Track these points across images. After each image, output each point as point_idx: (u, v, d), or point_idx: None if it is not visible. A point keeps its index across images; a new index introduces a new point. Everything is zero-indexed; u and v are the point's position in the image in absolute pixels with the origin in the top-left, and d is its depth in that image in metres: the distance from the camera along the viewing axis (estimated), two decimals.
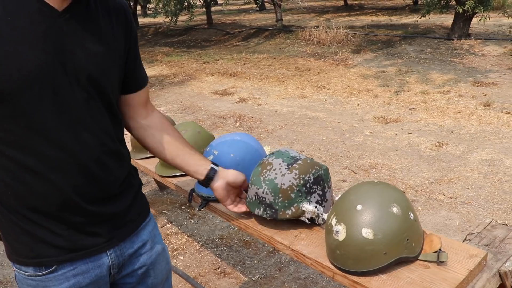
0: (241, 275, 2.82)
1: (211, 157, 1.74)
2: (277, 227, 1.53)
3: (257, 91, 7.37)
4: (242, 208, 1.52)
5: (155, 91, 8.00)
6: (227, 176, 1.45)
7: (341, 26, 10.83)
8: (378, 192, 1.27)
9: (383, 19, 13.44)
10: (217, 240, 3.23)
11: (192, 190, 1.84)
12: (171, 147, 1.39)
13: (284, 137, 5.10)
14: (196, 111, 6.48)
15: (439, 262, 1.25)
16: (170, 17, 13.25)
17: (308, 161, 1.51)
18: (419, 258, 1.28)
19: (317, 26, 11.23)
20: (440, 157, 4.26)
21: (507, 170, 3.92)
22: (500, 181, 3.74)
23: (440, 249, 1.28)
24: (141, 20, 22.63)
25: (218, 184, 1.44)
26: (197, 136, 2.03)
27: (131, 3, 19.03)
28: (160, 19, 16.51)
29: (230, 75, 8.68)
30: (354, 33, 10.63)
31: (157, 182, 4.02)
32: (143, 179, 4.38)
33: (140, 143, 1.41)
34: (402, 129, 5.07)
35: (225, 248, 3.13)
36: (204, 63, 10.25)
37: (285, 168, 1.47)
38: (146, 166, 2.23)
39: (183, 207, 3.74)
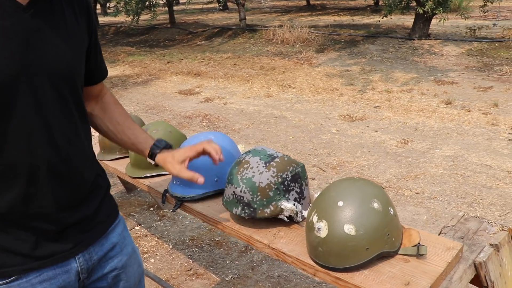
0: (213, 275, 2.79)
1: None
2: (256, 226, 1.52)
3: (222, 90, 7.33)
4: (200, 179, 1.34)
5: (118, 91, 7.85)
6: (173, 151, 1.42)
7: (304, 26, 10.91)
8: (359, 188, 1.27)
9: (345, 19, 13.63)
10: (188, 241, 3.19)
11: (166, 191, 1.80)
12: (123, 130, 1.40)
13: (251, 136, 5.09)
14: (161, 111, 6.40)
15: (419, 255, 1.26)
16: (131, 16, 13.03)
17: (285, 158, 1.50)
18: (399, 253, 1.29)
19: (281, 26, 11.28)
20: (406, 154, 4.34)
21: (470, 165, 4.03)
22: (463, 176, 3.84)
23: (419, 243, 1.30)
24: (101, 19, 22.18)
25: (164, 155, 1.40)
26: (169, 135, 1.99)
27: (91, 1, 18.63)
28: (121, 18, 16.22)
29: (195, 74, 8.60)
30: (317, 33, 10.73)
31: (124, 183, 3.94)
32: (110, 181, 4.28)
33: (95, 129, 1.39)
34: (368, 126, 5.14)
35: (196, 249, 3.09)
36: (168, 62, 10.13)
37: (263, 166, 1.46)
38: (116, 167, 2.18)
39: (151, 209, 3.68)
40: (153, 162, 1.43)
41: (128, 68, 10.10)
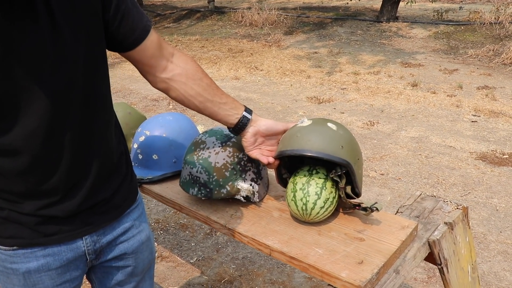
0: (178, 258, 2.77)
1: (142, 138, 1.68)
2: (213, 206, 1.50)
3: None
4: (270, 159, 1.35)
5: None
6: (259, 124, 1.34)
7: (273, 8, 10.85)
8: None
9: (314, 1, 13.59)
10: (153, 224, 3.15)
11: None
12: (198, 100, 1.25)
13: None
14: (128, 94, 6.29)
15: (374, 209, 1.29)
16: None
17: None
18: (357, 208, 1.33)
19: (250, 8, 11.18)
20: (372, 136, 4.39)
21: (434, 147, 4.10)
22: (427, 157, 3.90)
23: (375, 202, 1.32)
24: None
25: (247, 131, 1.33)
26: (128, 117, 1.95)
27: None
28: None
29: None
30: (286, 15, 10.68)
31: None
32: None
33: (166, 94, 1.27)
34: (334, 108, 5.16)
35: (161, 232, 3.06)
36: None
37: (219, 146, 1.44)
38: None
39: None
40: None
41: None
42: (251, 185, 1.44)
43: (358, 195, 1.35)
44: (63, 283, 1.17)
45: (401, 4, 9.35)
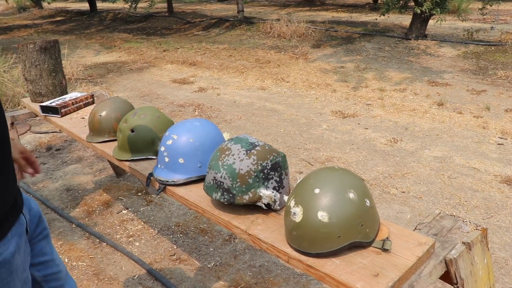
0: (196, 262, 2.81)
1: (170, 141, 1.73)
2: (234, 212, 1.54)
3: (216, 81, 7.34)
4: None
5: (112, 77, 7.84)
6: None
7: (302, 21, 10.92)
8: (337, 177, 1.30)
9: (343, 15, 13.63)
10: (173, 227, 3.21)
11: (150, 174, 1.83)
12: None
13: (242, 128, 5.11)
14: (155, 98, 6.40)
15: (384, 249, 1.29)
16: (129, 3, 12.98)
17: (266, 147, 1.53)
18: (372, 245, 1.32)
19: (278, 19, 11.27)
20: (394, 153, 4.38)
21: (457, 167, 4.07)
22: (450, 178, 3.88)
23: (387, 238, 1.33)
24: (100, 5, 22.04)
25: None
26: (157, 120, 2.01)
27: None
28: (119, 4, 16.13)
29: (190, 64, 8.60)
30: (314, 28, 10.73)
31: (114, 168, 3.95)
32: (100, 165, 4.30)
33: None
34: (358, 124, 5.17)
35: (181, 235, 3.11)
36: (164, 51, 10.11)
37: (244, 154, 1.48)
38: (104, 149, 2.19)
39: (139, 194, 3.69)
40: None
41: (124, 54, 10.07)
42: (273, 193, 1.48)
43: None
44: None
45: (431, 22, 9.31)
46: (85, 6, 21.45)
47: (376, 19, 11.08)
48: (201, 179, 1.76)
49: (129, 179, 3.99)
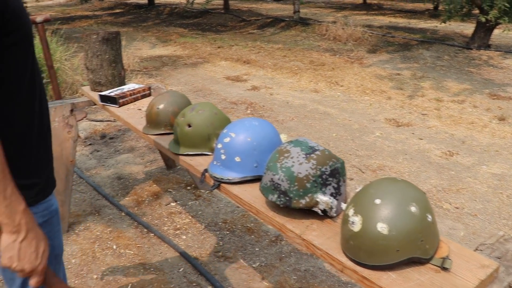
0: (241, 260, 2.81)
1: (228, 139, 1.73)
2: (289, 215, 1.52)
3: (270, 80, 7.33)
4: None
5: (167, 71, 7.98)
6: None
7: (358, 24, 10.75)
8: (399, 189, 1.26)
9: (401, 21, 13.32)
10: (220, 223, 3.23)
11: (205, 170, 1.83)
12: None
13: (294, 129, 5.08)
14: (208, 94, 6.46)
15: (443, 268, 1.24)
16: None
17: (326, 152, 1.50)
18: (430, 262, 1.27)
19: (334, 22, 11.15)
20: (450, 166, 4.23)
21: None
22: (509, 197, 3.71)
23: (447, 256, 1.27)
24: None
25: None
26: (214, 117, 2.02)
27: None
28: None
29: (244, 62, 8.64)
30: (371, 33, 10.55)
31: (165, 160, 4.02)
32: (151, 156, 4.38)
33: None
34: (413, 133, 5.04)
35: (227, 232, 3.12)
36: (218, 47, 10.20)
37: (303, 157, 1.46)
38: (160, 142, 2.22)
39: (188, 188, 3.74)
40: None
41: (179, 49, 10.23)
42: (330, 199, 1.45)
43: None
44: None
45: (496, 31, 8.94)
46: None
47: (436, 26, 10.77)
48: (256, 179, 1.75)
49: (179, 172, 4.04)
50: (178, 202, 3.52)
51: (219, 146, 1.76)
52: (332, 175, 1.47)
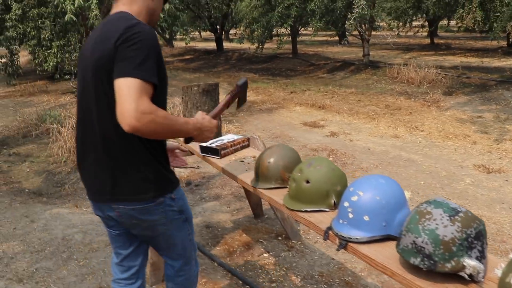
0: None
1: (355, 198, 1.72)
2: (429, 279, 1.47)
3: (347, 126, 7.31)
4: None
5: (243, 117, 8.15)
6: None
7: (429, 66, 10.58)
8: None
9: (473, 60, 12.99)
10: (316, 276, 3.17)
11: (329, 228, 1.82)
12: None
13: None
14: (287, 141, 6.52)
15: None
16: (256, 44, 13.49)
17: (469, 214, 1.45)
18: None
19: (406, 64, 11.04)
20: None
21: None
22: None
23: None
24: (226, 45, 23.29)
25: None
26: (332, 173, 2.02)
27: (218, 28, 19.65)
28: (244, 45, 16.84)
29: (319, 107, 8.68)
30: (445, 74, 10.34)
31: (253, 209, 4.04)
32: (237, 204, 4.42)
33: None
34: (507, 181, 4.81)
35: (325, 286, 3.07)
36: (291, 92, 10.34)
37: (447, 220, 1.42)
38: (272, 197, 2.24)
39: (279, 238, 3.73)
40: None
41: (252, 94, 10.45)
42: (478, 263, 1.40)
43: None
44: None
45: None
46: (211, 45, 22.75)
47: None
48: (384, 239, 1.71)
49: (267, 221, 4.04)
50: (271, 253, 3.50)
51: (346, 204, 1.75)
52: (477, 238, 1.42)
